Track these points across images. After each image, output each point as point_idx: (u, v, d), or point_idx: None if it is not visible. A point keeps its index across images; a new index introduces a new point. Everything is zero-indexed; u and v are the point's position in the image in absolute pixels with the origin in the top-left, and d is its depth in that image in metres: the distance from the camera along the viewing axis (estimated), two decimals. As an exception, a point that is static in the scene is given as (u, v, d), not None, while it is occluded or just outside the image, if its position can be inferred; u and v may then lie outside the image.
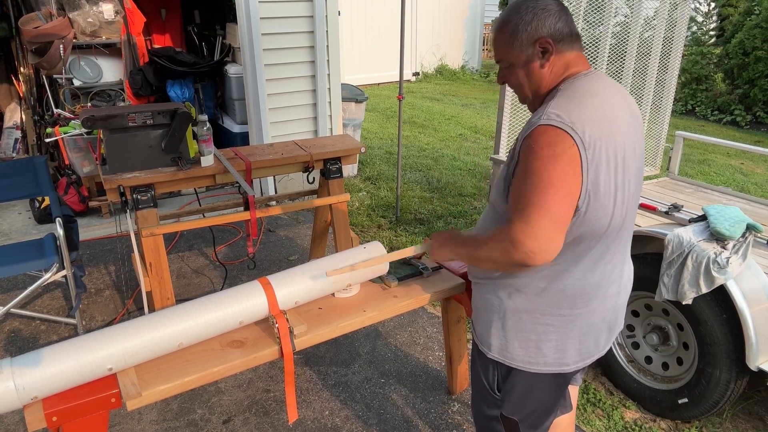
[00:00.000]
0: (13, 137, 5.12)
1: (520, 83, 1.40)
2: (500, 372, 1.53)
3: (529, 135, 1.27)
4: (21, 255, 2.85)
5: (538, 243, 1.23)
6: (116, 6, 4.58)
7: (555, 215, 1.23)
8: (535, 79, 1.37)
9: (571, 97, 1.30)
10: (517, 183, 1.29)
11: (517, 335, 1.45)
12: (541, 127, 1.26)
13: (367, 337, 2.98)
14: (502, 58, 1.41)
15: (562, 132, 1.24)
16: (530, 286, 1.41)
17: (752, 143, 6.86)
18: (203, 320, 1.65)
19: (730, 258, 2.05)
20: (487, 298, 1.50)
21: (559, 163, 1.23)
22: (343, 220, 3.08)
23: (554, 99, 1.31)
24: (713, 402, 2.22)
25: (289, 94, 4.64)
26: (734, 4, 9.85)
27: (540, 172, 1.23)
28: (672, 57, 3.77)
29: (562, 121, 1.25)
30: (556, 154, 1.23)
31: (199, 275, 3.60)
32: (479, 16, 12.22)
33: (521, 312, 1.44)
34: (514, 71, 1.39)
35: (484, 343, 1.53)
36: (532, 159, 1.25)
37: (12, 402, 1.38)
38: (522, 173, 1.27)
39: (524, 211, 1.24)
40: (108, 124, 2.46)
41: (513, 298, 1.44)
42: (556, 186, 1.22)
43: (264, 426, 2.37)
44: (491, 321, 1.49)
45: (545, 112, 1.28)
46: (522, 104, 1.49)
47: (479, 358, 1.58)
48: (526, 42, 1.34)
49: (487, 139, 7.04)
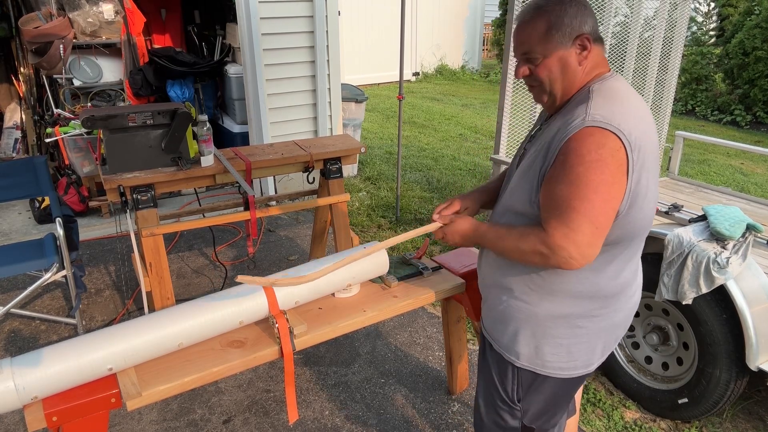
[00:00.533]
0: (13, 137, 5.12)
1: (552, 79, 1.31)
2: (522, 381, 1.47)
3: (572, 137, 1.22)
4: (21, 255, 2.85)
5: (579, 250, 1.21)
6: (116, 6, 4.58)
7: (598, 222, 1.21)
8: (570, 77, 1.30)
9: (609, 98, 1.26)
10: (556, 186, 1.24)
11: (549, 341, 1.40)
12: (588, 129, 1.21)
13: (367, 337, 2.98)
14: (531, 50, 1.30)
15: (609, 134, 1.20)
16: (563, 289, 1.37)
17: (752, 143, 6.86)
18: (203, 320, 1.65)
19: (730, 258, 2.05)
20: (512, 305, 1.44)
21: (606, 168, 1.19)
22: (343, 220, 3.08)
23: (592, 100, 1.25)
24: (713, 402, 2.22)
25: (289, 94, 4.64)
26: (734, 4, 9.84)
27: (586, 176, 1.19)
28: (672, 57, 3.77)
29: (608, 122, 1.20)
30: (604, 158, 1.19)
31: (199, 275, 3.60)
32: (479, 16, 12.22)
33: (554, 317, 1.39)
34: (547, 65, 1.30)
35: (511, 352, 1.46)
36: (577, 163, 1.20)
37: (12, 402, 1.38)
38: (564, 177, 1.22)
39: (567, 216, 1.21)
40: (108, 124, 2.46)
41: (544, 303, 1.38)
42: (601, 192, 1.19)
43: (264, 426, 2.37)
44: (518, 329, 1.43)
45: (588, 113, 1.22)
46: (537, 102, 1.42)
47: (498, 368, 1.51)
48: (568, 36, 1.27)
49: (487, 139, 7.04)
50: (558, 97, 1.34)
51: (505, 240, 1.35)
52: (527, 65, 1.33)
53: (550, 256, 1.24)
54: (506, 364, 1.48)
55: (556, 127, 1.29)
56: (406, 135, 7.10)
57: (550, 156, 1.27)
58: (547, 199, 1.27)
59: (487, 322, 1.56)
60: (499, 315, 1.48)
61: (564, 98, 1.34)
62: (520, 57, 1.34)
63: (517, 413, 1.51)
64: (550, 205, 1.25)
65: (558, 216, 1.23)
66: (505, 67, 3.32)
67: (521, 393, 1.49)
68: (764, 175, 6.01)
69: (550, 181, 1.26)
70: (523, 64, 1.34)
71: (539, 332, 1.41)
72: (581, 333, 1.39)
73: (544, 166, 1.29)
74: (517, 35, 1.33)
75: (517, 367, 1.46)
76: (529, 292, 1.40)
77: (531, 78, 1.34)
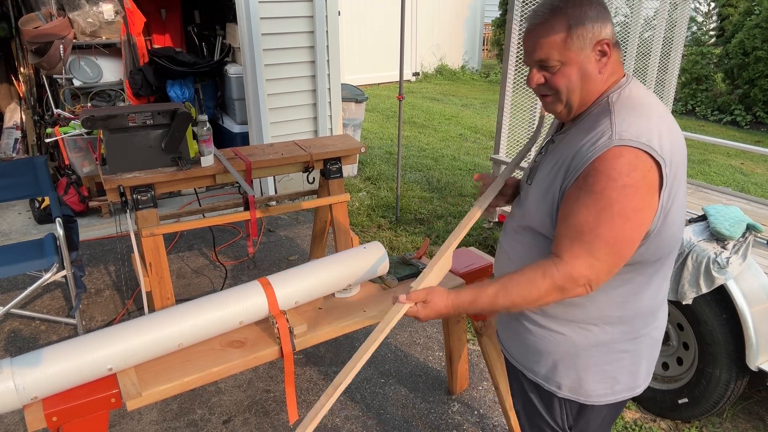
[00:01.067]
0: (13, 137, 5.12)
1: (571, 87, 1.19)
2: (569, 410, 1.39)
3: (600, 158, 1.11)
4: (21, 255, 2.85)
5: (598, 280, 1.15)
6: (116, 6, 4.58)
7: (623, 252, 1.14)
8: (589, 85, 1.19)
9: (633, 109, 1.16)
10: (580, 211, 1.14)
11: (592, 369, 1.31)
12: (616, 149, 1.10)
13: (367, 337, 2.98)
14: (548, 57, 1.17)
15: (640, 153, 1.10)
16: (604, 316, 1.27)
17: (752, 143, 6.86)
18: (203, 320, 1.65)
19: (730, 258, 2.05)
20: (546, 336, 1.33)
21: (638, 193, 1.10)
22: (343, 220, 3.08)
23: (615, 114, 1.15)
24: (713, 402, 2.22)
25: (289, 94, 4.64)
26: (734, 4, 9.84)
27: (616, 203, 1.10)
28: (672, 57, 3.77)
29: (638, 140, 1.10)
30: (636, 182, 1.09)
31: (199, 275, 3.60)
32: (479, 16, 12.22)
33: (594, 346, 1.29)
34: (565, 73, 1.18)
35: (551, 382, 1.36)
36: (606, 187, 1.10)
37: (12, 402, 1.38)
38: (591, 202, 1.12)
39: (591, 245, 1.13)
40: (108, 124, 2.46)
41: (582, 333, 1.29)
42: (632, 219, 1.11)
43: (264, 426, 2.37)
44: (557, 361, 1.33)
45: (614, 130, 1.12)
46: (549, 112, 1.29)
47: (540, 397, 1.42)
48: (588, 41, 1.15)
49: (487, 139, 7.04)
50: (575, 107, 1.23)
51: (509, 294, 1.20)
52: (542, 73, 1.21)
53: (571, 288, 1.15)
54: (548, 393, 1.39)
55: (577, 144, 1.18)
56: (406, 135, 7.09)
57: (571, 175, 1.17)
58: (568, 223, 1.16)
59: (513, 349, 1.44)
60: (531, 346, 1.37)
61: (580, 108, 1.24)
62: (534, 64, 1.21)
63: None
64: (572, 230, 1.15)
65: (581, 244, 1.14)
66: (505, 67, 3.32)
67: (571, 421, 1.41)
68: (764, 175, 6.01)
69: (573, 204, 1.16)
70: (538, 71, 1.21)
71: (580, 363, 1.31)
72: (625, 357, 1.31)
73: (564, 184, 1.20)
74: (531, 39, 1.19)
75: (560, 397, 1.37)
76: (566, 323, 1.30)
77: (546, 87, 1.22)
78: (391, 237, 4.15)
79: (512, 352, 1.46)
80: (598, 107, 1.21)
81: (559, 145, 1.27)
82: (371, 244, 1.98)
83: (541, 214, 1.26)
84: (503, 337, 1.51)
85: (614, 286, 1.24)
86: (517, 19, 3.21)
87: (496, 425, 2.40)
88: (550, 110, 1.27)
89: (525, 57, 1.24)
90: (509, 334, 1.46)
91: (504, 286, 1.21)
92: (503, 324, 1.50)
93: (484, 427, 2.39)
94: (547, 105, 1.26)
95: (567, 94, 1.21)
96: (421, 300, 1.29)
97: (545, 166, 1.30)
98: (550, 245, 1.24)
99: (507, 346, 1.48)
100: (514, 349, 1.45)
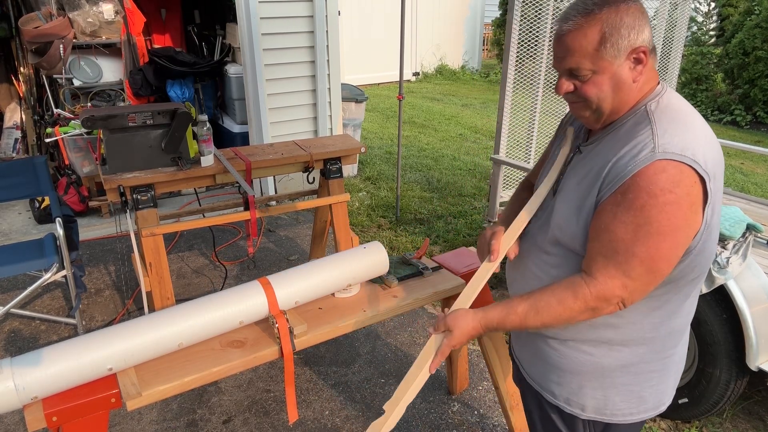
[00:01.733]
0: (13, 137, 5.12)
1: (602, 97, 1.13)
2: (595, 428, 1.34)
3: (641, 172, 1.05)
4: (21, 255, 2.85)
5: (632, 300, 1.11)
6: (116, 6, 4.58)
7: (659, 272, 1.09)
8: (623, 94, 1.13)
9: (675, 121, 1.10)
10: (617, 227, 1.08)
11: (619, 390, 1.26)
12: (660, 163, 1.04)
13: (367, 337, 2.98)
14: (579, 66, 1.11)
15: (685, 167, 1.04)
16: (635, 337, 1.22)
17: (752, 143, 6.85)
18: (203, 320, 1.65)
19: (730, 258, 2.05)
20: (572, 357, 1.27)
21: (680, 210, 1.04)
22: (343, 220, 3.08)
23: (656, 124, 1.09)
24: (713, 402, 2.22)
25: (289, 94, 4.64)
26: (734, 4, 9.84)
27: (656, 221, 1.05)
28: (672, 57, 3.77)
29: (682, 154, 1.04)
30: (679, 199, 1.04)
31: (199, 275, 3.60)
32: (479, 16, 12.23)
33: (623, 366, 1.25)
34: (596, 82, 1.12)
35: (573, 405, 1.31)
36: (647, 204, 1.04)
37: (12, 402, 1.38)
38: (629, 218, 1.07)
39: (627, 265, 1.08)
40: (108, 124, 2.46)
41: (612, 353, 1.24)
42: (671, 238, 1.06)
43: (264, 426, 2.37)
44: (583, 382, 1.28)
45: (657, 143, 1.06)
46: (576, 117, 1.23)
47: (562, 420, 1.36)
48: (623, 50, 1.09)
49: (487, 139, 7.04)
50: (605, 115, 1.17)
51: (539, 315, 1.16)
52: (572, 81, 1.15)
53: (603, 308, 1.11)
54: (570, 416, 1.34)
55: (613, 155, 1.12)
56: (406, 135, 7.10)
57: (607, 188, 1.11)
58: (602, 240, 1.11)
59: (533, 369, 1.39)
60: (554, 365, 1.32)
61: (612, 117, 1.17)
62: (563, 71, 1.15)
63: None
64: (607, 248, 1.10)
65: (616, 263, 1.09)
66: (505, 67, 3.32)
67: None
68: (764, 175, 6.01)
69: (610, 220, 1.09)
70: (568, 79, 1.15)
71: (608, 383, 1.26)
72: (654, 376, 1.27)
73: (599, 197, 1.13)
74: (561, 46, 1.13)
75: (583, 419, 1.33)
76: (596, 344, 1.24)
77: (575, 95, 1.16)
78: (391, 237, 4.15)
79: (531, 372, 1.40)
80: (635, 116, 1.15)
81: (589, 155, 1.21)
82: (371, 244, 1.98)
83: (574, 229, 1.19)
84: (521, 357, 1.45)
85: (653, 307, 1.19)
86: (517, 19, 3.21)
87: (496, 425, 2.40)
88: (578, 115, 1.21)
89: (554, 62, 1.18)
90: (528, 354, 1.40)
91: (533, 306, 1.17)
92: (521, 343, 1.44)
93: (484, 427, 2.39)
94: (575, 110, 1.20)
95: (597, 102, 1.15)
96: (441, 331, 1.27)
97: (573, 177, 1.23)
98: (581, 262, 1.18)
99: (526, 366, 1.42)
100: (534, 369, 1.39)
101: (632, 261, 1.08)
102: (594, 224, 1.14)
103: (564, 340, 1.27)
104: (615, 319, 1.20)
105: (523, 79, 3.46)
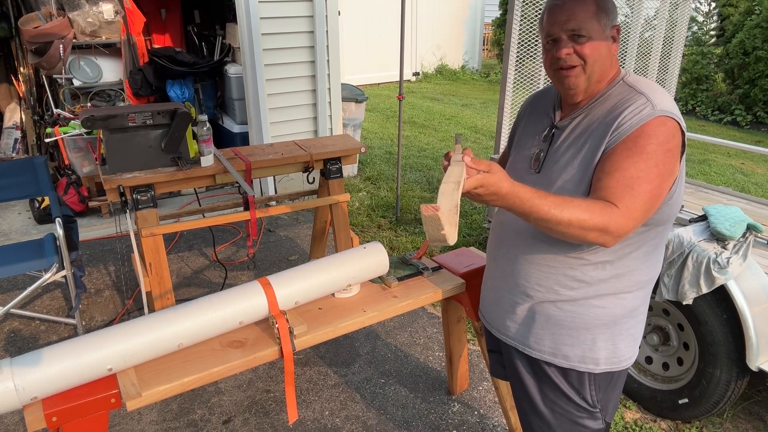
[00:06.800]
0: (13, 137, 5.12)
1: (597, 59, 1.28)
2: (600, 384, 1.43)
3: (648, 123, 1.22)
4: (21, 255, 2.85)
5: (628, 232, 1.22)
6: (116, 6, 4.58)
7: (654, 208, 1.24)
8: (607, 63, 1.30)
9: (653, 89, 1.29)
10: (629, 165, 1.21)
11: (623, 336, 1.40)
12: (660, 118, 1.23)
13: (367, 337, 2.98)
14: (581, 27, 1.26)
15: (675, 123, 1.24)
16: (636, 282, 1.37)
17: (752, 143, 6.85)
18: (203, 320, 1.65)
19: (730, 258, 2.04)
20: (587, 314, 1.37)
21: (674, 158, 1.24)
22: (343, 220, 3.08)
23: (645, 91, 1.27)
24: (714, 402, 2.21)
25: (289, 94, 4.64)
26: (734, 4, 9.83)
27: (662, 164, 1.21)
28: (672, 57, 3.77)
29: (671, 112, 1.24)
30: (674, 148, 1.23)
31: (199, 275, 3.60)
32: (479, 16, 12.22)
33: (630, 311, 1.39)
34: (594, 44, 1.27)
35: (587, 361, 1.40)
36: (657, 150, 1.21)
37: (12, 402, 1.38)
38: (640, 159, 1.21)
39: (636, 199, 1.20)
40: (108, 124, 2.46)
41: (620, 301, 1.37)
42: (667, 180, 1.24)
43: (264, 426, 2.37)
44: (596, 335, 1.38)
45: (653, 103, 1.24)
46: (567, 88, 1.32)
47: (570, 385, 1.43)
48: (608, 24, 1.28)
49: (487, 139, 7.04)
50: (593, 81, 1.31)
51: (563, 210, 1.16)
52: (572, 44, 1.27)
53: (611, 233, 1.19)
54: (581, 375, 1.42)
55: (610, 117, 1.26)
56: (406, 135, 7.09)
57: (614, 139, 1.24)
58: (616, 177, 1.21)
59: (543, 344, 1.43)
60: (568, 327, 1.39)
61: (596, 86, 1.32)
62: (565, 33, 1.28)
63: (598, 415, 1.46)
64: (620, 183, 1.20)
65: (631, 197, 1.19)
66: (505, 67, 3.32)
67: (600, 394, 1.44)
68: (764, 175, 6.01)
69: (622, 160, 1.22)
70: (568, 42, 1.28)
71: (616, 331, 1.39)
72: (642, 318, 1.44)
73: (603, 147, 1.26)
74: (564, 11, 1.27)
75: (594, 374, 1.41)
76: (605, 297, 1.36)
77: (573, 57, 1.28)
78: (391, 237, 4.15)
79: (541, 347, 1.43)
80: (616, 87, 1.32)
81: (580, 126, 1.34)
82: (371, 244, 1.98)
83: (584, 189, 1.28)
84: (525, 341, 1.46)
85: (647, 252, 1.35)
86: (517, 19, 3.21)
87: (496, 425, 2.40)
88: (571, 83, 1.31)
89: (553, 28, 1.29)
90: (537, 329, 1.43)
91: (564, 200, 1.18)
92: (526, 325, 1.45)
93: (484, 427, 2.39)
94: (570, 78, 1.30)
95: (591, 65, 1.28)
96: (484, 169, 1.14)
97: (565, 150, 1.34)
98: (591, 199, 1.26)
99: (533, 345, 1.45)
100: (544, 343, 1.42)
101: (640, 195, 1.20)
102: (603, 166, 1.25)
103: (575, 300, 1.37)
104: (619, 270, 1.34)
105: (523, 79, 3.46)
